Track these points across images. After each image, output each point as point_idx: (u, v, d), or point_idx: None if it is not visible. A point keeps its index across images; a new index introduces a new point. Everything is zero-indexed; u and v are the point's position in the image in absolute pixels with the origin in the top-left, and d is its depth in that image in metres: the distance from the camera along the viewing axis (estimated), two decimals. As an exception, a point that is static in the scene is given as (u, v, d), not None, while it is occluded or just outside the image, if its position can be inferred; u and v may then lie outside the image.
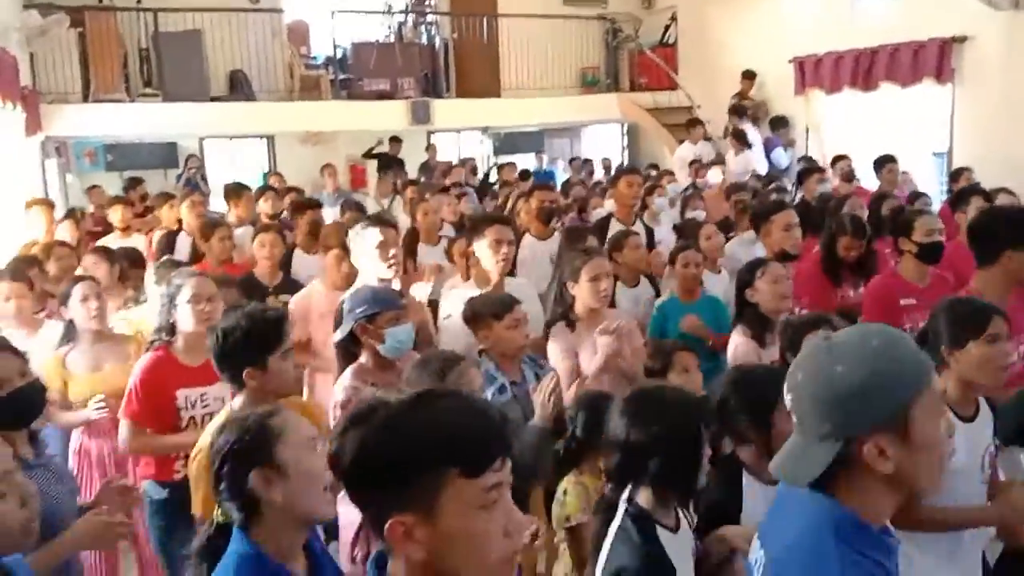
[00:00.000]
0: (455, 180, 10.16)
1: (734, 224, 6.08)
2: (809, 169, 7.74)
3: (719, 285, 4.73)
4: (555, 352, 3.57)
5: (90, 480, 3.71)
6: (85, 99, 11.00)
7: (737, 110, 10.84)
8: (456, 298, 3.78)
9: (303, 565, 1.90)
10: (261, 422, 1.89)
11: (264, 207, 6.89)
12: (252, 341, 2.56)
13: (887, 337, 1.45)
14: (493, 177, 12.32)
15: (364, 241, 3.59)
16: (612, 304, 3.96)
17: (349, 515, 3.04)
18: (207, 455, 2.04)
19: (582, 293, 3.57)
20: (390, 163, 11.96)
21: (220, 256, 5.39)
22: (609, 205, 5.87)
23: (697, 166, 9.56)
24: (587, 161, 13.65)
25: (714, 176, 8.85)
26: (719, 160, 9.99)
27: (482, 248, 3.88)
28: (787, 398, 1.51)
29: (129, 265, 4.97)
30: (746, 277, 3.64)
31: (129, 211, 7.07)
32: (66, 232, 6.44)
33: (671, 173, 8.91)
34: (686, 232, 5.52)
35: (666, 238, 5.82)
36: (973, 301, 2.69)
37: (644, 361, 3.39)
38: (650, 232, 5.59)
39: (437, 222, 6.13)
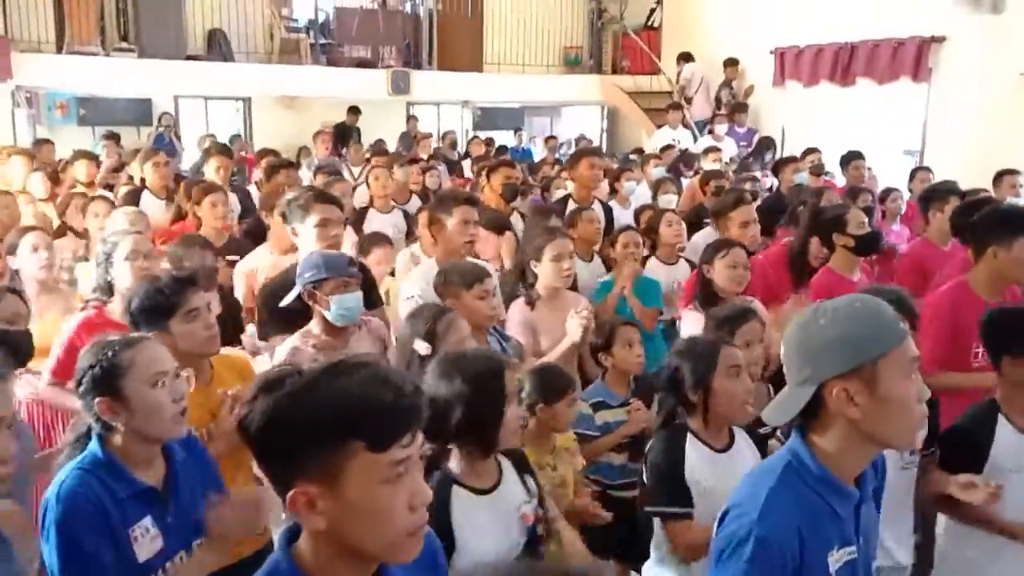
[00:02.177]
0: (428, 152, 10.11)
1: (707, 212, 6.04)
2: (786, 159, 7.74)
3: (671, 277, 4.69)
4: (512, 327, 3.60)
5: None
6: (59, 50, 10.81)
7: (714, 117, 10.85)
8: (418, 278, 3.75)
9: (160, 472, 2.10)
10: (111, 356, 2.02)
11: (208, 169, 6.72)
12: (147, 308, 2.60)
13: (870, 302, 1.65)
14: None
15: (307, 217, 3.53)
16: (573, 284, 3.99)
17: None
18: None
19: (545, 272, 3.61)
20: (347, 133, 11.80)
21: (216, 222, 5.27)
22: (570, 186, 5.81)
23: (671, 151, 9.53)
24: (550, 138, 13.50)
25: (708, 165, 8.77)
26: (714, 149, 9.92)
27: (450, 226, 3.84)
28: (781, 352, 1.71)
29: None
30: (709, 254, 3.73)
31: (94, 166, 6.96)
32: (40, 184, 6.33)
33: (658, 156, 8.82)
34: (642, 217, 5.49)
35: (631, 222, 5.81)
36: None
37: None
38: (608, 211, 5.58)
39: (390, 189, 6.09)
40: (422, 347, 2.67)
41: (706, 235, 5.25)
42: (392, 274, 4.71)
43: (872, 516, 1.77)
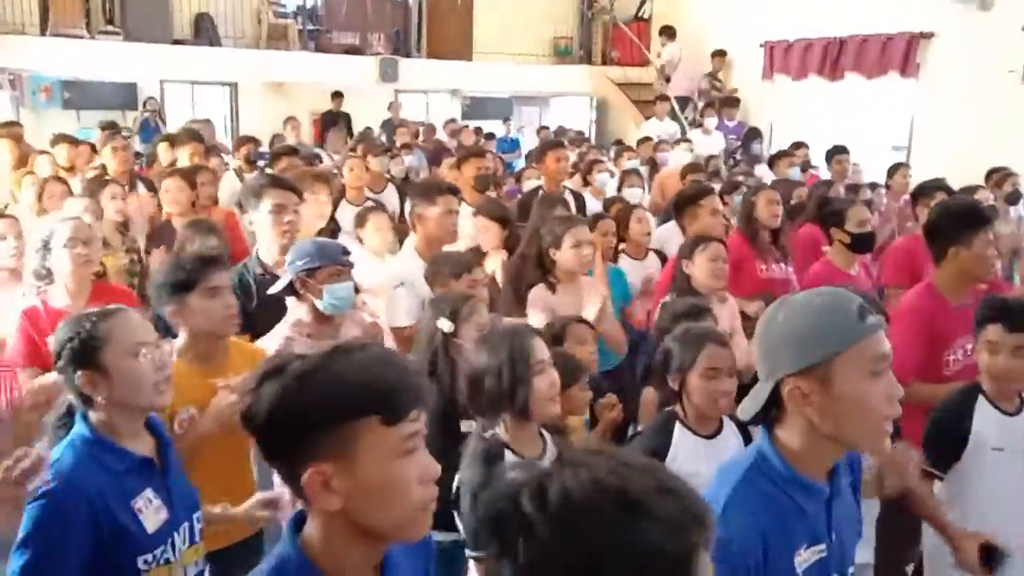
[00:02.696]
0: (403, 141, 10.05)
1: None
2: (780, 153, 7.78)
3: (639, 273, 4.68)
4: (533, 312, 3.64)
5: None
6: (43, 32, 10.69)
7: (711, 105, 10.83)
8: (403, 268, 3.73)
9: (150, 443, 2.08)
10: (90, 327, 1.99)
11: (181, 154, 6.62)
12: (168, 283, 2.62)
13: (832, 298, 1.58)
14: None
15: (260, 203, 3.47)
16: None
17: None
18: None
19: (565, 258, 3.65)
20: (335, 119, 11.75)
21: (204, 202, 5.23)
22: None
23: (653, 143, 9.51)
24: (543, 128, 13.46)
25: (678, 156, 8.80)
26: (684, 139, 9.98)
27: (432, 216, 3.83)
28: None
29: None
30: (687, 250, 3.74)
31: (74, 150, 6.88)
32: (46, 165, 6.24)
33: (632, 149, 8.87)
34: (611, 210, 5.46)
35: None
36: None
37: None
38: (579, 199, 5.58)
39: (364, 180, 6.06)
40: (446, 324, 2.74)
41: (672, 228, 5.26)
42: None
43: (848, 510, 1.72)
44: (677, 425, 2.60)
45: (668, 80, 12.18)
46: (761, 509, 1.57)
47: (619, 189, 6.53)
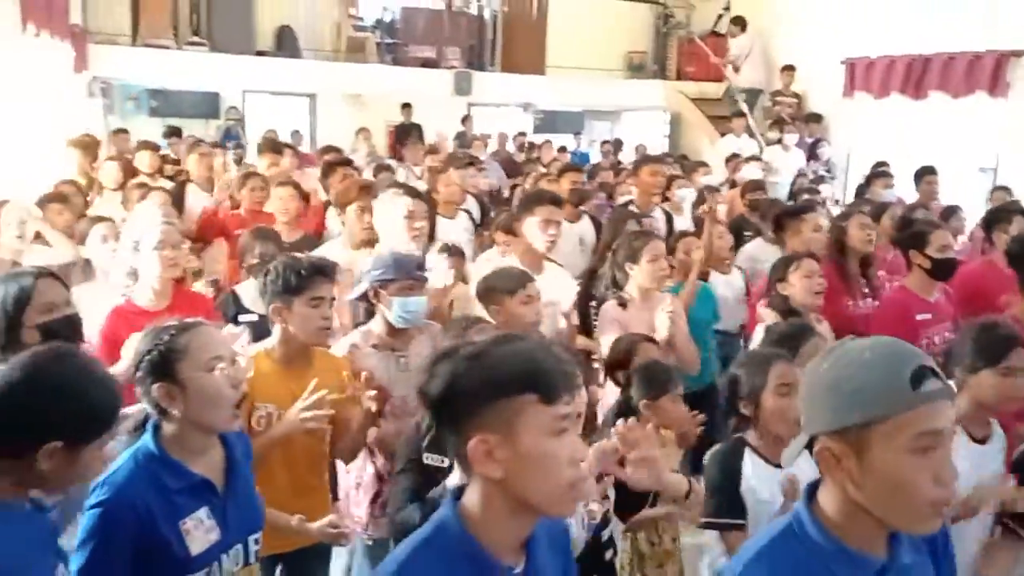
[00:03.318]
0: (480, 155, 10.14)
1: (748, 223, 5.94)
2: (878, 173, 7.56)
3: (727, 287, 4.67)
4: (605, 328, 3.66)
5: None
6: (133, 42, 11.09)
7: (778, 122, 10.62)
8: (486, 268, 3.76)
9: (219, 459, 2.09)
10: (168, 340, 2.00)
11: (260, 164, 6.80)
12: (279, 283, 2.68)
13: (886, 353, 1.37)
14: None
15: (392, 209, 3.59)
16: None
17: (346, 480, 3.11)
18: None
19: (642, 273, 3.66)
20: (408, 131, 11.88)
21: (251, 206, 5.39)
22: (635, 191, 5.79)
23: (736, 161, 9.41)
24: (618, 144, 13.40)
25: (750, 172, 8.68)
26: (755, 158, 9.81)
27: (531, 226, 3.85)
28: None
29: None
30: (780, 271, 3.67)
31: (157, 157, 7.11)
32: (113, 172, 6.47)
33: (705, 164, 8.73)
34: (699, 225, 5.45)
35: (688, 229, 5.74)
36: (999, 327, 2.60)
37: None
38: (669, 219, 5.56)
39: (458, 194, 6.09)
40: None
41: (757, 245, 5.18)
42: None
43: None
44: (747, 452, 2.51)
45: (737, 71, 12.05)
46: None
47: (693, 208, 6.43)
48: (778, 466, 2.47)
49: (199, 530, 1.98)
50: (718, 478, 2.51)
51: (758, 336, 3.60)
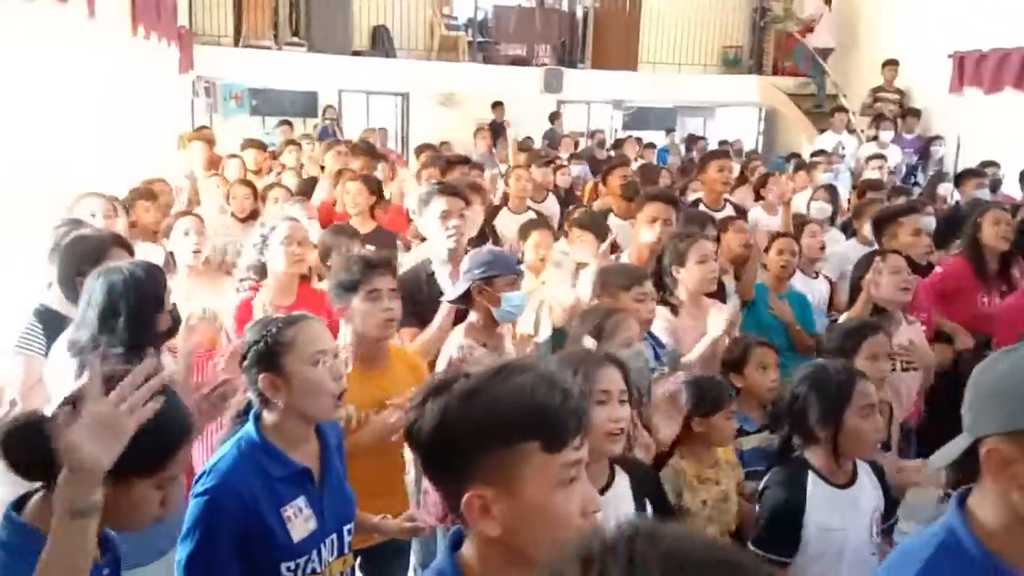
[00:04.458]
0: (569, 151, 10.09)
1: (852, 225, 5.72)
2: (968, 172, 7.19)
3: (812, 291, 4.47)
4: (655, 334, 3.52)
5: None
6: (236, 43, 11.51)
7: (878, 119, 10.22)
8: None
9: (315, 450, 2.12)
10: (276, 332, 2.04)
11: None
12: (338, 283, 2.74)
13: None
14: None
15: (429, 209, 3.59)
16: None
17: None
18: None
19: (690, 276, 3.49)
20: (500, 129, 11.92)
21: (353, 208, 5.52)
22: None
23: (835, 158, 9.09)
24: (697, 139, 13.11)
25: (871, 173, 8.28)
26: (878, 156, 9.43)
27: (640, 222, 3.83)
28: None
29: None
30: (863, 266, 3.56)
31: (262, 155, 7.35)
32: (236, 168, 6.73)
33: (822, 162, 8.35)
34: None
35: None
36: None
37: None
38: (741, 213, 5.36)
39: (528, 190, 6.06)
40: (590, 343, 2.64)
41: (851, 246, 4.98)
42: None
43: None
44: (810, 476, 2.36)
45: (811, 30, 11.73)
46: None
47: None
48: (842, 487, 2.36)
49: (299, 518, 2.03)
50: (780, 506, 2.37)
51: None
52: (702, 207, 5.20)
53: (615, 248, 3.90)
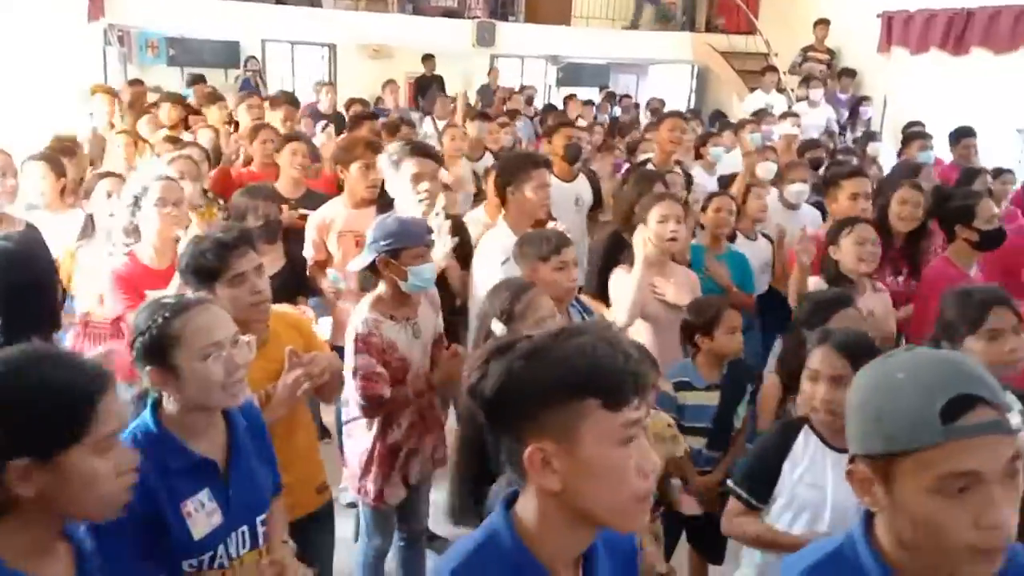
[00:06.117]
0: (513, 108, 9.88)
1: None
2: (914, 134, 7.15)
3: (753, 253, 4.46)
4: (617, 291, 3.48)
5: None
6: (151, -12, 10.91)
7: (808, 78, 10.20)
8: (505, 244, 3.60)
9: (221, 438, 2.01)
10: (162, 323, 1.90)
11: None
12: (193, 270, 2.46)
13: (923, 376, 1.19)
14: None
15: (400, 171, 3.44)
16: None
17: (355, 447, 3.03)
18: None
19: (649, 236, 3.42)
20: (429, 83, 11.64)
21: (262, 159, 5.27)
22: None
23: (763, 117, 9.06)
24: (624, 97, 13.06)
25: (784, 129, 8.32)
26: (791, 113, 9.47)
27: (525, 191, 3.69)
28: None
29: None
30: (832, 234, 3.55)
31: (178, 109, 6.98)
32: (145, 125, 6.38)
33: (755, 122, 8.33)
34: (730, 186, 5.24)
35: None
36: (973, 293, 2.53)
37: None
38: (688, 177, 5.34)
39: (462, 149, 5.92)
40: (498, 328, 2.50)
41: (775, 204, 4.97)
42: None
43: None
44: (806, 429, 2.37)
45: None
46: None
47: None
48: (838, 451, 2.29)
49: (201, 512, 1.91)
50: (764, 446, 2.45)
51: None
52: (650, 167, 5.15)
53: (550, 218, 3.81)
